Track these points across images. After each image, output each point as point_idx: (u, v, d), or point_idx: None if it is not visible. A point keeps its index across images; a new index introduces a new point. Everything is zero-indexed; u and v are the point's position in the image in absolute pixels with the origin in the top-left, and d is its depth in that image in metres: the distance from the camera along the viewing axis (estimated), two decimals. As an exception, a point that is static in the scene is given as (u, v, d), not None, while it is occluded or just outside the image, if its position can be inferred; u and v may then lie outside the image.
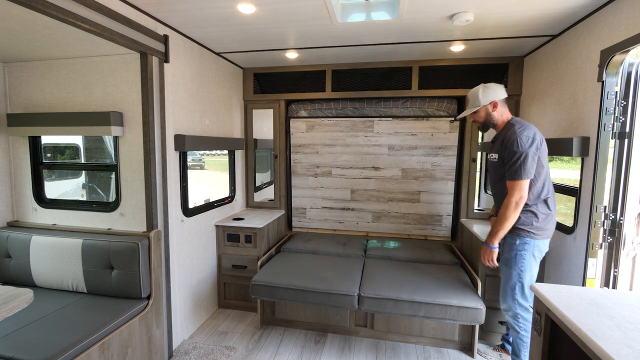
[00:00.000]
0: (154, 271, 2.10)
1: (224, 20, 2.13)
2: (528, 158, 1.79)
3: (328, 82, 3.14)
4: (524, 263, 1.91)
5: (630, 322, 1.07)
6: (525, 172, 1.79)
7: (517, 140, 1.81)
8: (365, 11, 2.10)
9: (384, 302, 2.21)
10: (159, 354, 2.17)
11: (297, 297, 2.35)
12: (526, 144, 1.80)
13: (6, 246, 2.26)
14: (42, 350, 1.53)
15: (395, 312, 2.21)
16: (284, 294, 2.37)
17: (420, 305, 2.17)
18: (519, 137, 1.82)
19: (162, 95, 2.15)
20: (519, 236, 1.92)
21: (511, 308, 1.97)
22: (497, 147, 1.95)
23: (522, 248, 1.91)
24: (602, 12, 1.85)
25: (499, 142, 1.95)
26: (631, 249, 1.87)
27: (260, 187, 3.69)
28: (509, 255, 1.96)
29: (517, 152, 1.80)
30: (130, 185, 2.25)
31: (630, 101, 1.76)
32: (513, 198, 1.82)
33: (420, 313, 2.17)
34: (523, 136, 1.81)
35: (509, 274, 1.97)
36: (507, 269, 1.98)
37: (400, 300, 2.20)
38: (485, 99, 1.97)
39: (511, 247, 1.95)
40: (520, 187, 1.81)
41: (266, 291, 2.41)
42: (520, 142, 1.81)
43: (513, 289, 1.95)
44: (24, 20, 1.69)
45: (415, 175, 3.20)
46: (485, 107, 1.98)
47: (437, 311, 2.15)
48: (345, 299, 2.26)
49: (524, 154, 1.79)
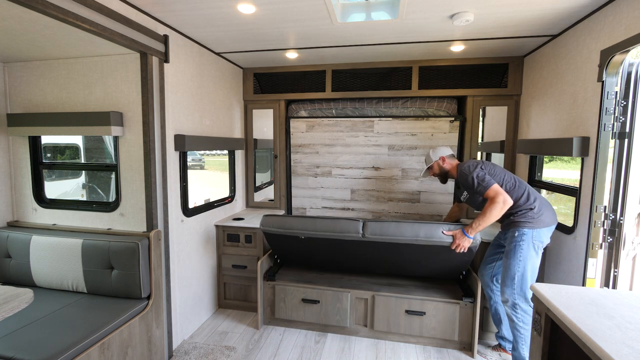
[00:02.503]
0: (154, 271, 2.10)
1: (224, 20, 2.13)
2: (479, 173, 2.10)
3: (328, 82, 3.14)
4: (522, 252, 2.01)
5: (630, 322, 1.07)
6: (487, 181, 2.06)
7: (463, 172, 2.19)
8: (365, 11, 2.10)
9: (386, 225, 2.24)
10: (159, 354, 2.17)
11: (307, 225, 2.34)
12: (469, 169, 2.17)
13: (6, 246, 2.26)
14: (42, 350, 1.53)
15: (398, 235, 2.20)
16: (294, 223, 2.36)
17: (421, 225, 2.20)
18: (463, 169, 2.20)
19: (162, 95, 2.15)
20: (517, 228, 2.04)
21: (510, 298, 2.03)
22: (462, 187, 2.31)
23: (520, 239, 2.02)
24: (602, 12, 1.85)
25: (460, 183, 2.32)
26: (631, 249, 1.87)
27: (260, 187, 3.69)
28: (509, 247, 2.07)
29: (469, 176, 2.13)
30: (130, 185, 2.25)
31: (630, 101, 1.76)
32: (498, 199, 2.02)
33: (421, 234, 2.18)
34: (464, 167, 2.20)
35: (508, 264, 2.05)
36: (507, 260, 2.06)
37: (402, 222, 2.26)
38: (435, 157, 2.42)
39: (511, 240, 2.06)
40: (496, 190, 2.03)
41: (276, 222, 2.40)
42: (466, 170, 2.17)
43: (513, 279, 2.02)
44: (24, 20, 1.69)
45: (415, 175, 3.20)
46: (437, 162, 2.41)
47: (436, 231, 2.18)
48: (351, 224, 2.28)
49: (475, 173, 2.11)
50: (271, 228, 2.42)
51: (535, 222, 2.02)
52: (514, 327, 2.05)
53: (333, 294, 2.55)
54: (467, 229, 2.10)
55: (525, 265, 2.00)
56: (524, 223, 2.03)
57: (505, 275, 2.07)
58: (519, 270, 2.01)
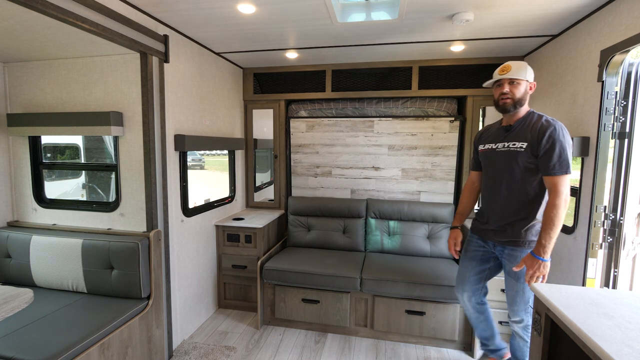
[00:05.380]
0: (154, 271, 2.10)
1: (224, 20, 2.13)
2: (569, 147, 1.60)
3: (328, 82, 3.14)
4: None
5: (630, 322, 1.07)
6: (569, 162, 1.58)
7: (561, 130, 1.60)
8: (365, 11, 2.10)
9: (383, 283, 2.42)
10: (159, 354, 2.17)
11: (305, 281, 2.56)
12: (567, 134, 1.61)
13: (6, 246, 2.26)
14: (42, 350, 1.53)
15: (394, 293, 2.42)
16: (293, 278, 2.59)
17: (415, 285, 2.36)
18: (561, 127, 1.61)
19: (162, 95, 2.15)
20: (529, 248, 1.73)
21: (524, 319, 1.83)
22: (525, 135, 1.69)
23: None
24: (602, 12, 1.84)
25: (525, 129, 1.71)
26: (631, 249, 1.87)
27: (260, 187, 3.68)
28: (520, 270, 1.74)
29: (562, 142, 1.57)
30: (130, 185, 2.25)
31: (630, 101, 1.76)
32: (563, 196, 1.57)
33: (416, 293, 2.37)
34: (558, 125, 1.61)
35: (522, 288, 1.78)
36: (518, 283, 1.78)
37: (398, 281, 2.40)
38: (531, 76, 1.74)
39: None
40: (568, 183, 1.58)
41: (277, 275, 2.61)
42: (564, 131, 1.60)
43: (527, 302, 1.79)
44: (24, 20, 1.69)
45: (415, 175, 3.20)
46: (527, 84, 1.73)
47: (431, 291, 2.34)
48: (349, 281, 2.47)
49: (569, 144, 1.59)
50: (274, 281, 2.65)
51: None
52: (525, 345, 1.87)
53: (333, 294, 2.55)
54: (539, 251, 1.60)
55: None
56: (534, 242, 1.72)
57: (519, 299, 1.80)
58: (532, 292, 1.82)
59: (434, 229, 2.96)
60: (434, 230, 2.95)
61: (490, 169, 1.88)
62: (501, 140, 1.81)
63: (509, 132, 1.79)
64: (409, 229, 2.98)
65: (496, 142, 1.83)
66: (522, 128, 1.73)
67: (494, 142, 1.84)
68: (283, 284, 2.63)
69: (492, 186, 1.85)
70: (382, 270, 2.52)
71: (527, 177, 1.70)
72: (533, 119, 1.71)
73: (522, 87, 1.72)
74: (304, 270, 2.57)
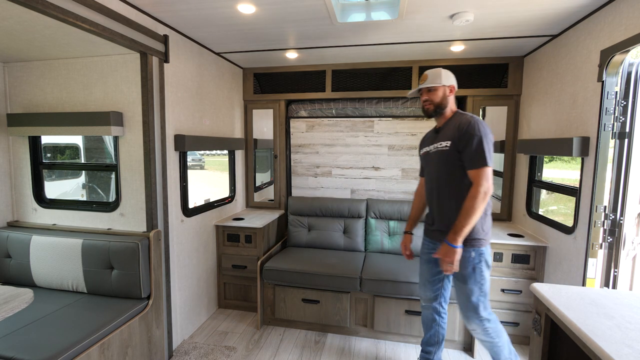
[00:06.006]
0: (154, 271, 2.10)
1: (224, 20, 2.13)
2: (491, 143, 1.66)
3: (328, 82, 3.14)
4: (483, 275, 1.74)
5: (630, 322, 1.07)
6: (491, 157, 1.63)
7: (477, 124, 1.67)
8: (365, 11, 2.10)
9: (383, 283, 2.42)
10: (159, 354, 2.17)
11: (305, 281, 2.56)
12: (486, 128, 1.67)
13: (6, 246, 2.26)
14: (42, 350, 1.53)
15: (394, 294, 2.41)
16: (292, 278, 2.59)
17: (416, 285, 2.34)
18: (478, 121, 1.69)
19: (162, 95, 2.15)
20: (473, 248, 1.72)
21: (479, 325, 1.79)
22: (448, 134, 1.76)
23: (478, 260, 1.73)
24: (602, 12, 1.85)
25: (449, 129, 1.78)
26: (631, 249, 1.87)
27: (260, 187, 3.68)
28: (465, 271, 1.75)
29: (479, 136, 1.63)
30: (130, 185, 2.25)
31: (630, 101, 1.76)
32: (482, 188, 1.61)
33: (416, 293, 2.35)
34: (475, 120, 1.69)
35: (469, 291, 1.76)
36: (465, 286, 1.76)
37: (398, 281, 2.39)
38: (447, 80, 1.82)
39: (467, 262, 1.73)
40: (488, 175, 1.62)
41: (277, 275, 2.61)
42: (481, 125, 1.67)
43: (477, 306, 1.76)
44: (24, 20, 1.69)
45: (415, 175, 3.20)
46: (444, 88, 1.81)
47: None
48: (349, 281, 2.47)
49: (487, 138, 1.65)
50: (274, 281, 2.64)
51: (487, 237, 1.75)
52: (492, 345, 1.82)
53: (333, 294, 2.55)
54: (452, 239, 1.65)
55: (485, 287, 1.76)
56: (479, 240, 1.72)
57: (466, 304, 1.78)
58: (482, 293, 1.75)
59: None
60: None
61: (428, 171, 1.95)
62: (432, 142, 1.89)
63: (438, 134, 1.88)
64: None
65: (429, 144, 1.91)
66: (447, 128, 1.81)
67: (428, 145, 1.92)
68: (283, 284, 2.63)
69: (431, 187, 1.90)
70: (382, 270, 2.51)
71: (458, 174, 1.73)
72: (457, 119, 1.79)
73: (439, 92, 1.82)
74: (304, 270, 2.57)
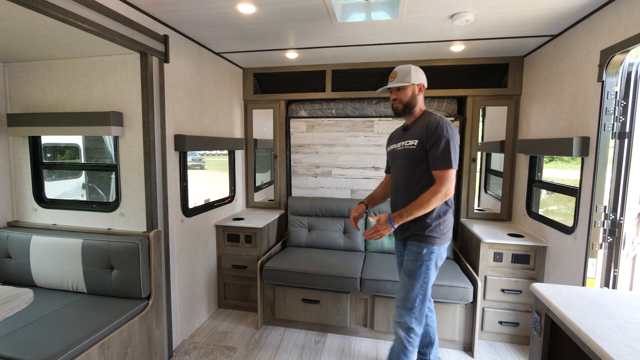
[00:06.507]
0: (154, 271, 2.10)
1: (224, 20, 2.13)
2: (457, 145, 1.68)
3: (328, 82, 3.14)
4: (428, 274, 1.75)
5: (630, 322, 1.07)
6: (456, 159, 1.65)
7: (446, 125, 1.67)
8: (365, 11, 2.10)
9: (383, 283, 2.41)
10: (159, 354, 2.17)
11: (305, 281, 2.55)
12: (453, 130, 1.68)
13: (6, 246, 2.26)
14: (42, 350, 1.53)
15: (393, 293, 2.37)
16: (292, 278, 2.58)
17: None
18: (446, 122, 1.68)
19: (162, 95, 2.15)
20: (426, 244, 1.73)
21: (407, 321, 1.76)
22: (416, 133, 1.75)
23: (428, 258, 1.73)
24: (602, 12, 1.85)
25: (417, 128, 1.77)
26: (631, 249, 1.87)
27: (260, 187, 3.68)
28: (413, 265, 1.75)
29: (446, 137, 1.64)
30: (130, 185, 2.25)
31: (630, 101, 1.76)
32: (444, 188, 1.63)
33: None
34: (444, 121, 1.69)
35: (411, 285, 1.75)
36: (410, 280, 1.76)
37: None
38: (416, 79, 1.79)
39: (417, 257, 1.75)
40: (452, 177, 1.64)
41: (277, 275, 2.60)
42: (449, 127, 1.67)
43: (414, 302, 1.75)
44: (24, 20, 1.69)
45: (415, 175, 3.20)
46: (413, 87, 1.79)
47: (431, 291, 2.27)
48: (349, 281, 2.47)
49: (454, 140, 1.66)
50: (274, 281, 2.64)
51: (444, 237, 1.75)
52: (403, 351, 1.78)
53: (333, 294, 2.55)
54: (394, 217, 1.68)
55: (427, 287, 1.75)
56: (434, 239, 1.73)
57: (406, 297, 1.77)
58: (422, 292, 1.74)
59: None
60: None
61: (393, 169, 1.93)
62: (400, 140, 1.88)
63: (406, 132, 1.87)
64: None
65: (397, 142, 1.90)
66: (416, 127, 1.80)
67: (396, 142, 1.91)
68: (283, 284, 2.63)
69: (396, 185, 1.88)
70: (382, 270, 2.51)
71: (423, 173, 1.73)
72: (425, 118, 1.78)
73: (408, 92, 1.79)
74: (304, 270, 2.57)
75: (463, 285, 2.30)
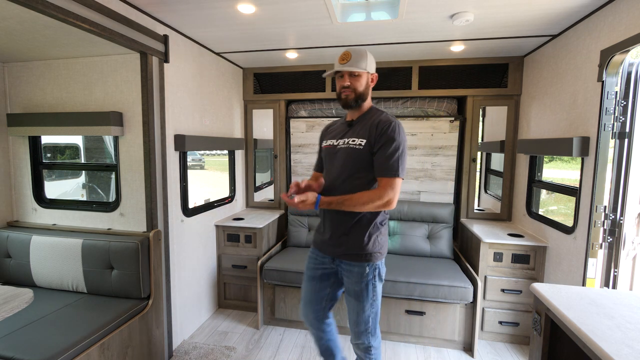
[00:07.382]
0: (154, 271, 2.10)
1: (224, 20, 2.13)
2: (406, 151, 1.50)
3: (328, 82, 3.14)
4: (376, 291, 1.60)
5: (630, 322, 1.07)
6: (404, 168, 1.48)
7: (397, 128, 1.48)
8: (365, 11, 2.10)
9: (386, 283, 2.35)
10: (159, 354, 2.17)
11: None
12: (404, 135, 1.50)
13: (6, 246, 2.26)
14: (42, 350, 1.53)
15: (393, 293, 2.39)
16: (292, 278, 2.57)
17: (416, 285, 2.36)
18: (398, 124, 1.49)
19: (162, 95, 2.15)
20: (368, 263, 1.56)
21: (364, 342, 1.66)
22: (364, 132, 1.54)
23: (372, 275, 1.57)
24: (602, 12, 1.85)
25: (365, 125, 1.55)
26: (631, 249, 1.87)
27: (260, 187, 3.68)
28: (358, 287, 1.58)
29: (397, 141, 1.46)
30: (130, 185, 2.25)
31: (630, 101, 1.76)
32: (387, 196, 1.45)
33: (416, 293, 2.37)
34: (401, 125, 1.51)
35: (361, 307, 1.60)
36: (358, 302, 1.61)
37: (398, 282, 2.39)
38: (371, 67, 1.57)
39: (361, 277, 1.57)
40: (398, 187, 1.47)
41: (277, 275, 2.60)
42: (401, 130, 1.49)
43: (367, 322, 1.62)
44: (24, 20, 1.69)
45: (415, 175, 3.20)
46: (368, 76, 1.57)
47: (431, 291, 2.34)
48: None
49: (404, 146, 1.48)
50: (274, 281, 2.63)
51: (383, 249, 1.60)
52: None
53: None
54: (322, 203, 1.52)
55: (377, 302, 1.62)
56: (374, 255, 1.56)
57: (358, 320, 1.63)
58: (373, 310, 1.61)
59: (434, 229, 2.95)
60: (434, 230, 2.95)
61: (329, 168, 1.66)
62: (342, 136, 1.62)
63: (350, 128, 1.62)
64: (408, 229, 2.98)
65: (337, 138, 1.64)
66: (363, 124, 1.57)
67: (336, 138, 1.65)
68: (283, 284, 2.63)
69: (330, 188, 1.62)
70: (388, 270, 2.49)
71: (366, 176, 1.53)
72: (374, 115, 1.57)
73: (363, 80, 1.55)
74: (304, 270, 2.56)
75: (463, 285, 2.30)
